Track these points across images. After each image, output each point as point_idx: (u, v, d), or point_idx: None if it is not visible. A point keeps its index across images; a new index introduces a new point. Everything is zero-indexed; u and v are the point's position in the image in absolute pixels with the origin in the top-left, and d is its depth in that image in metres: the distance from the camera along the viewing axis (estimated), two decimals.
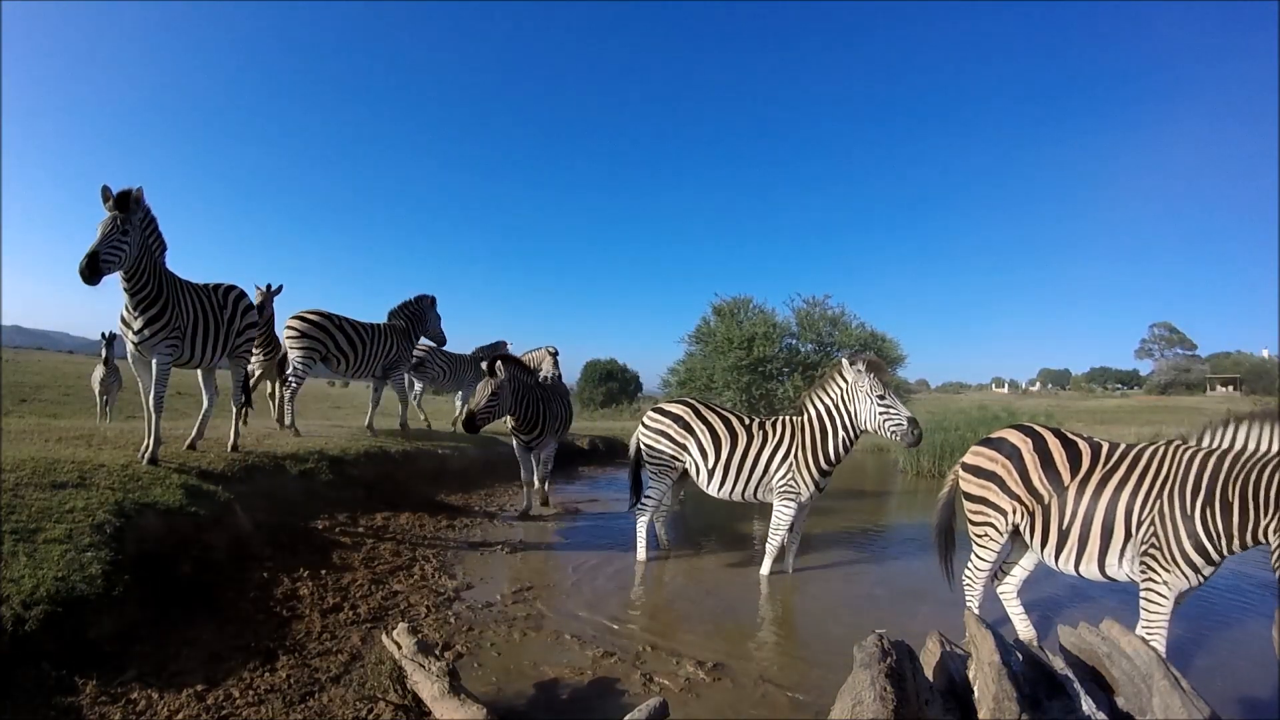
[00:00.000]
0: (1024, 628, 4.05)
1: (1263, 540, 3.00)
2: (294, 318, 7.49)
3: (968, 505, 4.00)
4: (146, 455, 4.76)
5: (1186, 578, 3.17)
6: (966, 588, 4.04)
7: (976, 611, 3.89)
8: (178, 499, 4.15)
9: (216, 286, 5.59)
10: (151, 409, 4.78)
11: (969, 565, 4.02)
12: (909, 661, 1.87)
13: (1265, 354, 53.87)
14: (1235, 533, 3.04)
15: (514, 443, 6.86)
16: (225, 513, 4.50)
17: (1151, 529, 3.26)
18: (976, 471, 3.94)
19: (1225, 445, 3.23)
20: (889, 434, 4.72)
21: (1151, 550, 3.26)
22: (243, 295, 5.78)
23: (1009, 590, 4.13)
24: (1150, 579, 3.27)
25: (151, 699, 2.69)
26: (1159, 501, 3.27)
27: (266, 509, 5.13)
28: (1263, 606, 5.04)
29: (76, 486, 3.94)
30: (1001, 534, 3.82)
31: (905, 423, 4.64)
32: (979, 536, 3.92)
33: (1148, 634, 3.26)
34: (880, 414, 4.72)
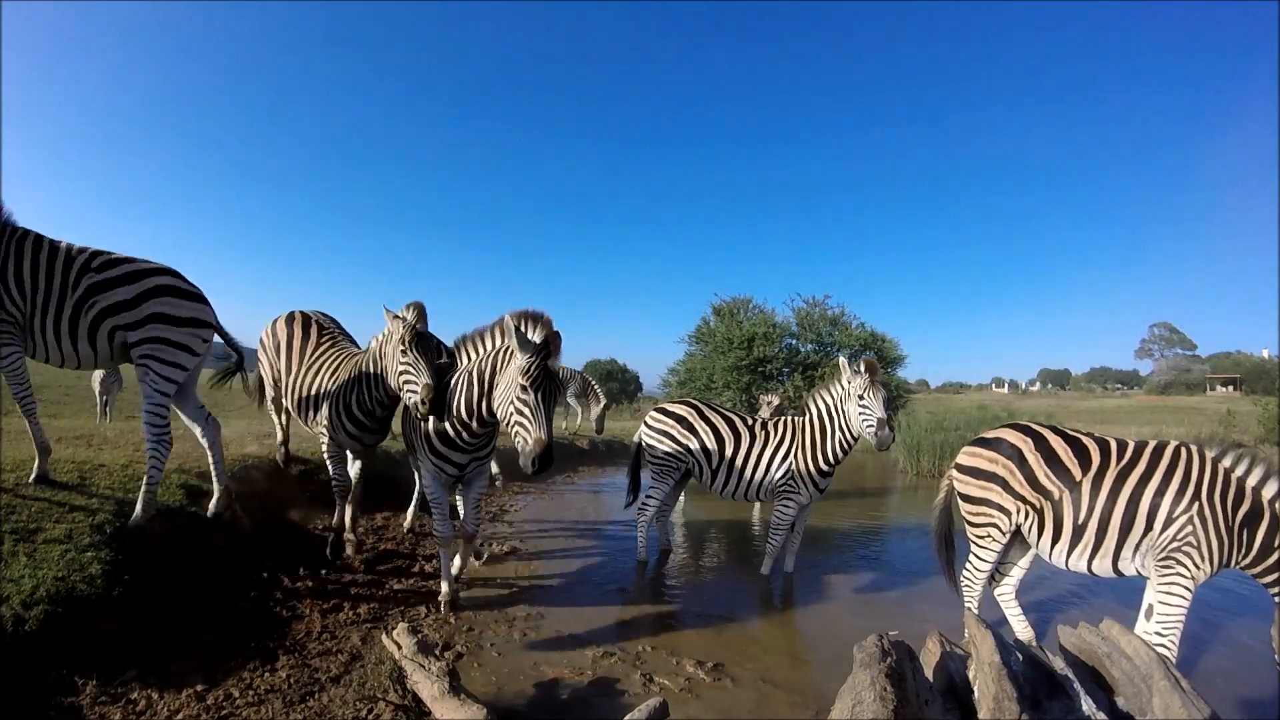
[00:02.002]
0: (1022, 628, 4.05)
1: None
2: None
3: (966, 507, 3.98)
4: (33, 474, 3.88)
5: (1212, 573, 3.28)
6: (965, 589, 4.04)
7: (976, 612, 3.89)
8: (178, 499, 4.16)
9: (113, 258, 3.77)
10: (22, 413, 3.81)
11: (967, 566, 4.01)
12: (909, 661, 1.86)
13: (1265, 354, 53.91)
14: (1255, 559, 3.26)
15: (432, 469, 3.98)
16: (225, 512, 4.50)
17: (1189, 528, 3.29)
18: (975, 473, 3.92)
19: (1241, 473, 3.34)
20: (865, 432, 4.75)
21: (1186, 548, 3.29)
22: (160, 273, 3.86)
23: (1007, 591, 4.13)
24: (1177, 574, 3.30)
25: (151, 699, 2.69)
26: (1197, 502, 3.30)
27: (266, 509, 5.13)
28: (1262, 607, 5.04)
29: (76, 486, 3.93)
30: (1004, 534, 3.82)
31: (875, 422, 4.65)
32: (980, 538, 3.91)
33: (1164, 628, 3.32)
34: (859, 413, 4.76)
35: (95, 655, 2.84)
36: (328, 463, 4.81)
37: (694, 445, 5.33)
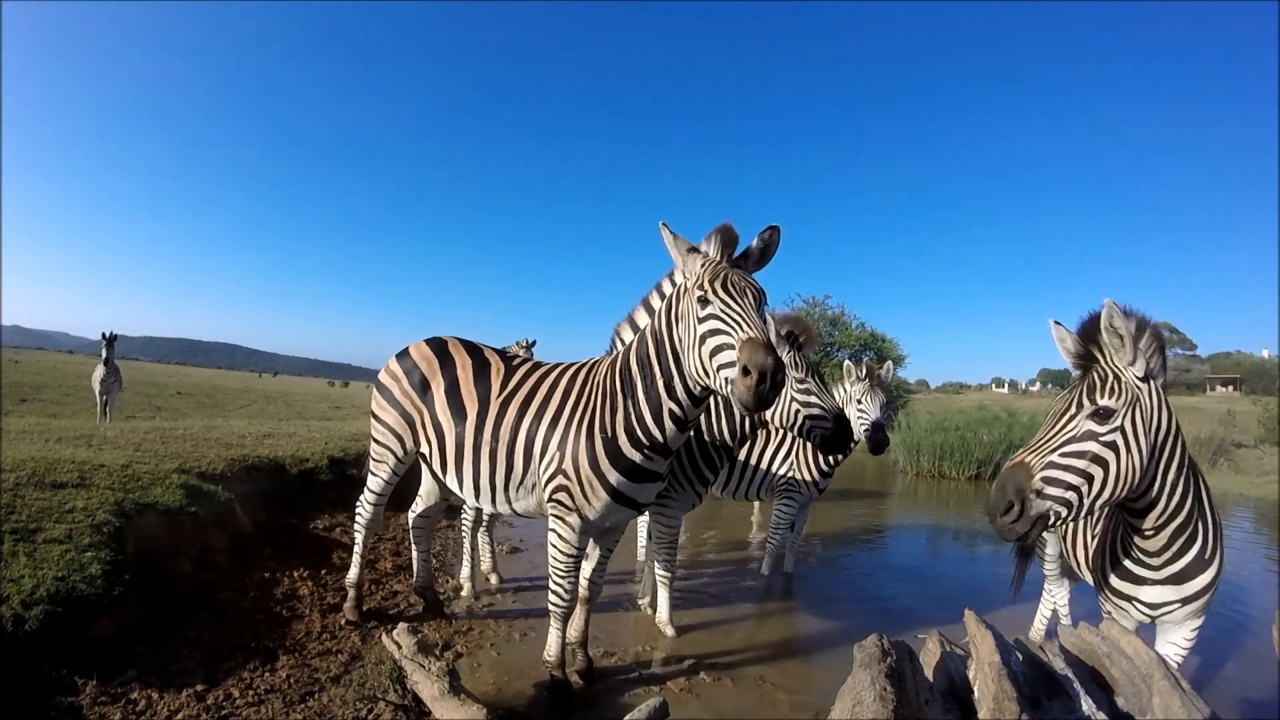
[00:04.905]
0: (1040, 626, 4.00)
1: None
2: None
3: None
4: None
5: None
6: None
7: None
8: (178, 499, 4.15)
9: None
10: None
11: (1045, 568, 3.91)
12: (909, 661, 1.86)
13: (1265, 354, 53.98)
14: None
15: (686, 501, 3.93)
16: (225, 513, 4.50)
17: None
18: None
19: None
20: (859, 435, 4.71)
21: None
22: None
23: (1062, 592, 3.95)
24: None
25: (151, 699, 2.68)
26: None
27: (266, 509, 5.13)
28: (1262, 606, 5.04)
29: (76, 486, 3.93)
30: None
31: (869, 425, 4.67)
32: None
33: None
34: (856, 417, 4.74)
35: (95, 655, 2.84)
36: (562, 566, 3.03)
37: None
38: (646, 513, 3.80)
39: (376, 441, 3.59)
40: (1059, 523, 2.14)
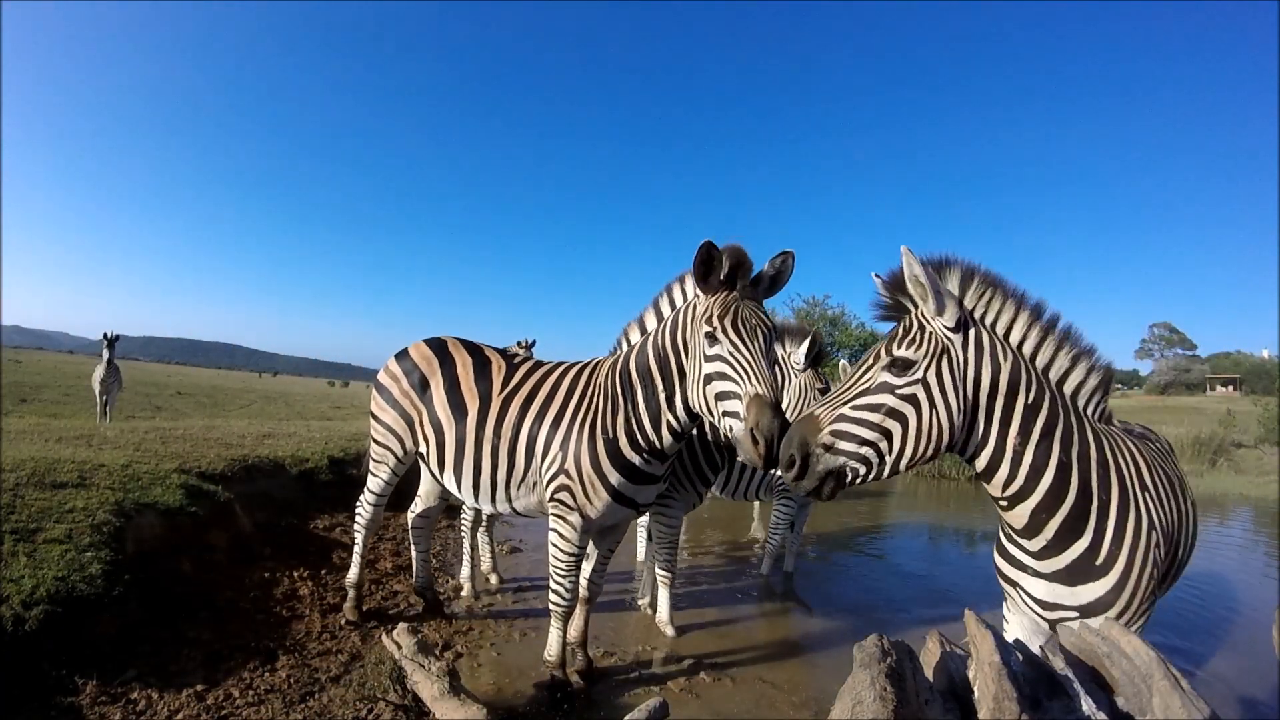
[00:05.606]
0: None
1: None
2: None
3: None
4: None
5: None
6: None
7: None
8: (178, 499, 4.15)
9: None
10: None
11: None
12: (909, 661, 1.86)
13: (1265, 354, 54.05)
14: None
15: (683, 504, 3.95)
16: (225, 513, 4.50)
17: None
18: None
19: None
20: None
21: None
22: None
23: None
24: None
25: (151, 699, 2.69)
26: None
27: (266, 509, 5.13)
28: (1262, 606, 5.04)
29: (76, 486, 3.93)
30: None
31: None
32: None
33: None
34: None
35: (95, 655, 2.84)
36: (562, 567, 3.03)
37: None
38: (646, 513, 3.81)
39: (376, 442, 3.60)
40: (859, 480, 1.96)
